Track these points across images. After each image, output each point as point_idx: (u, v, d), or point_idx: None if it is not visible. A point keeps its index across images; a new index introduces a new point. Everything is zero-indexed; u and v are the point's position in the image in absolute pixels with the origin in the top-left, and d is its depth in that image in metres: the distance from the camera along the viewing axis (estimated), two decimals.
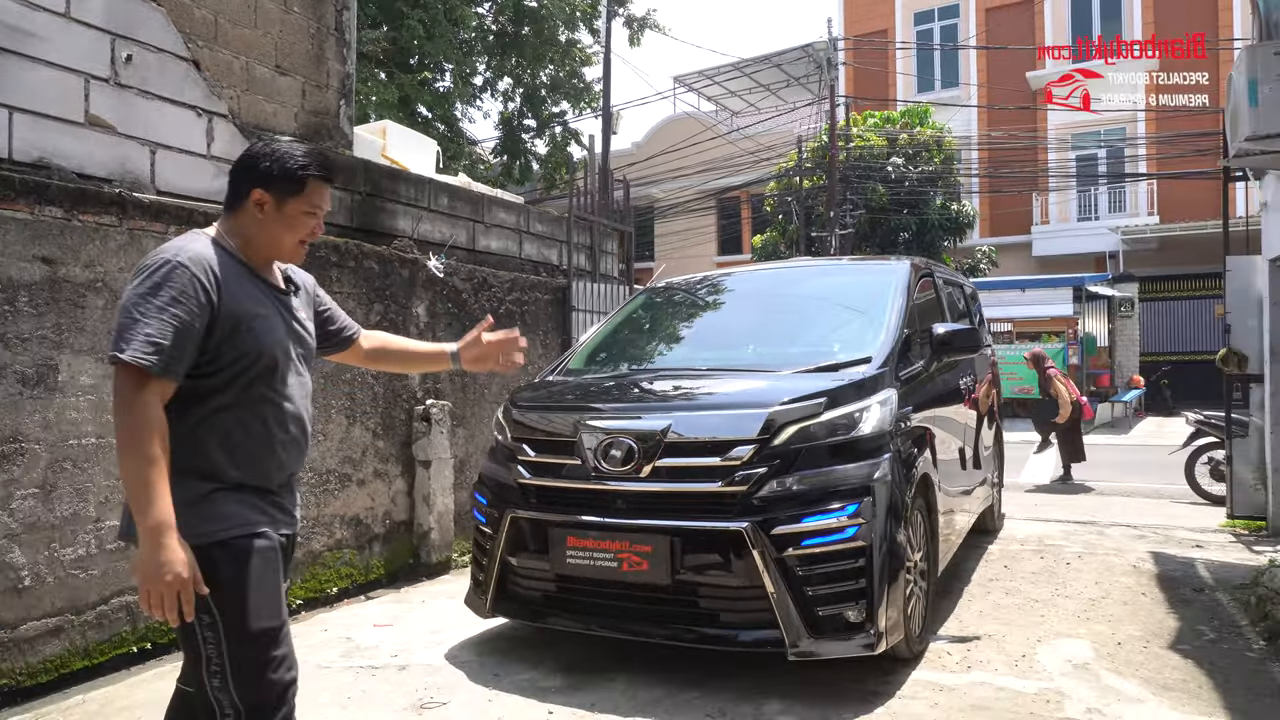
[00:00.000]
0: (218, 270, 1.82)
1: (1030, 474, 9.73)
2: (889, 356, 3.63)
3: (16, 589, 3.47)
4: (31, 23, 3.64)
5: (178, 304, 1.74)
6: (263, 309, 1.90)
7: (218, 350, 1.81)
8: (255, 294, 1.90)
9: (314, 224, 1.97)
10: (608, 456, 3.28)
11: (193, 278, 1.76)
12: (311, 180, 1.92)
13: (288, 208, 1.92)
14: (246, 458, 1.87)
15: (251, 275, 1.92)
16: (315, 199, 1.94)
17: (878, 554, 3.09)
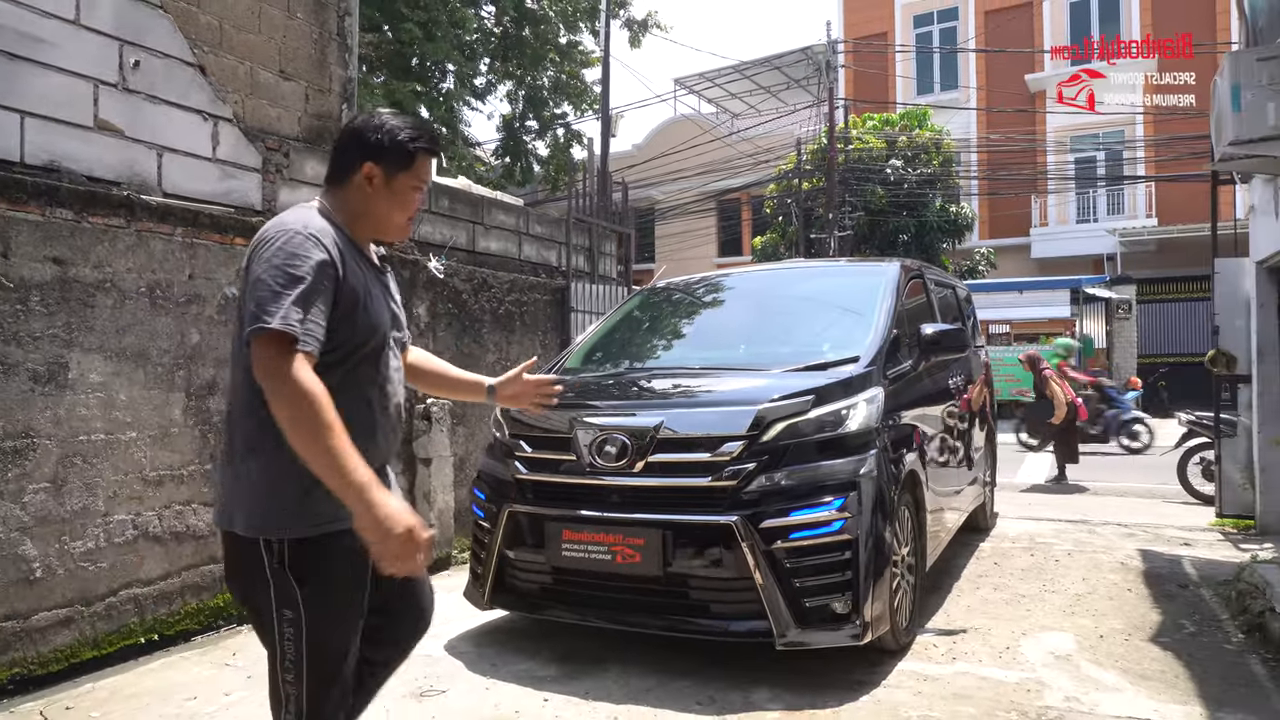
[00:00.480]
0: (339, 244, 1.78)
1: (1026, 474, 9.82)
2: (876, 356, 3.73)
3: (28, 580, 3.57)
4: (42, 29, 3.74)
5: (313, 276, 1.68)
6: (373, 287, 1.86)
7: (335, 328, 1.73)
8: (363, 271, 1.85)
9: (420, 199, 1.93)
10: (602, 452, 3.38)
11: (324, 250, 1.73)
12: (421, 154, 1.88)
13: (397, 182, 1.87)
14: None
15: (358, 252, 1.87)
16: (422, 173, 1.90)
17: (863, 547, 3.18)
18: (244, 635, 4.18)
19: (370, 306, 1.82)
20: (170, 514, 4.14)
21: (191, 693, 3.40)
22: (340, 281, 1.75)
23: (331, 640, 1.79)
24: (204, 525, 4.29)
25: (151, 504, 4.05)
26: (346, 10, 5.37)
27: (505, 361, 6.65)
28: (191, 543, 4.23)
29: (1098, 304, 18.32)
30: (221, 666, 3.73)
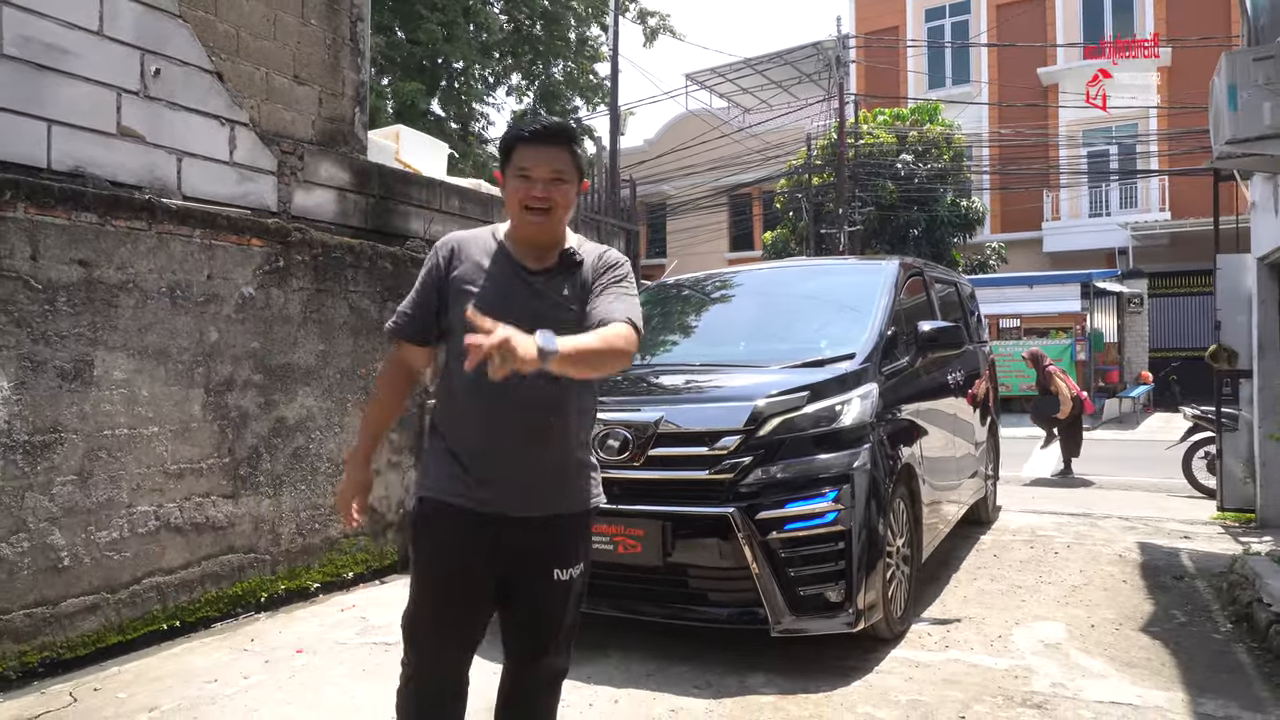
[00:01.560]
0: (465, 247, 2.07)
1: (1032, 468, 9.88)
2: (872, 352, 3.83)
3: (57, 568, 3.74)
4: (67, 40, 3.89)
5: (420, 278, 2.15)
6: (497, 285, 1.98)
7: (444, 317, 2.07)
8: (488, 270, 2.01)
9: (528, 188, 1.94)
10: (604, 446, 3.50)
11: (433, 254, 2.11)
12: (517, 144, 1.96)
13: (508, 177, 2.00)
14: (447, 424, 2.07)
15: (499, 253, 2.03)
16: (522, 161, 1.95)
17: (857, 538, 3.30)
18: (261, 622, 4.35)
19: (473, 301, 1.85)
20: (190, 505, 4.30)
21: (212, 676, 3.56)
22: (444, 278, 2.05)
23: (417, 586, 2.05)
24: (223, 516, 4.45)
25: (173, 496, 4.21)
26: (359, 16, 5.51)
27: None
28: (211, 533, 4.39)
29: (1109, 298, 18.29)
30: (240, 652, 3.89)
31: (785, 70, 26.43)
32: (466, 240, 2.07)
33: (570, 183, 1.99)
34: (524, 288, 1.99)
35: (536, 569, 2.02)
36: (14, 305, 3.60)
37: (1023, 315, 17.15)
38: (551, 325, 1.82)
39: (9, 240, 3.59)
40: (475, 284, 1.98)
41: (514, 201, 1.98)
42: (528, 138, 1.96)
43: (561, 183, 1.97)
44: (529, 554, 2.00)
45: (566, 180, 1.98)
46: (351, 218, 5.40)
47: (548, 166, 1.95)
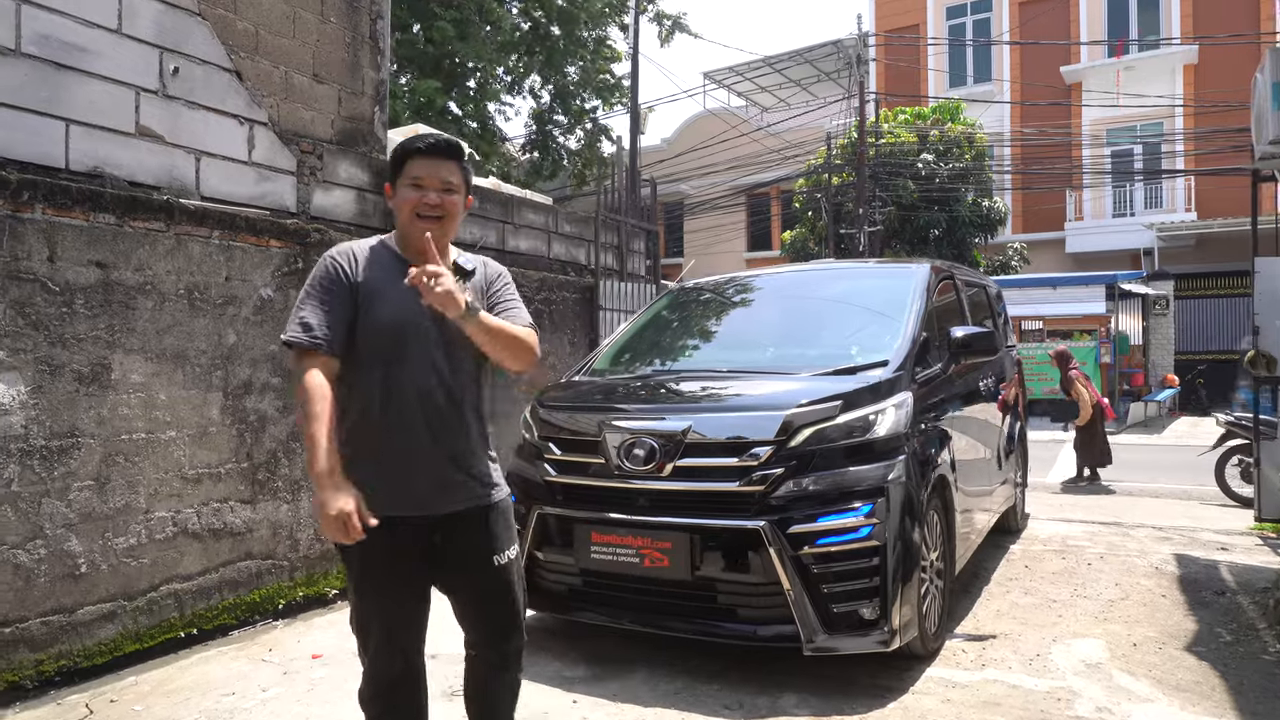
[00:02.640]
0: (364, 255, 2.12)
1: (1058, 473, 9.70)
2: (905, 359, 3.71)
3: (74, 575, 3.68)
4: (86, 39, 3.83)
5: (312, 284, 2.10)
6: (391, 289, 2.04)
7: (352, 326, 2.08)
8: (387, 274, 2.08)
9: (420, 197, 2.06)
10: (631, 456, 3.40)
11: (331, 261, 2.11)
12: (410, 155, 2.08)
13: (397, 187, 2.11)
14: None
15: (392, 260, 2.12)
16: (414, 171, 2.07)
17: (891, 553, 3.18)
18: (279, 631, 4.28)
19: (383, 309, 2.04)
20: (208, 511, 4.23)
21: (230, 688, 3.49)
22: (352, 285, 2.07)
23: (358, 600, 2.15)
24: (241, 522, 4.38)
25: (190, 501, 4.14)
26: (378, 14, 5.44)
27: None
28: (229, 539, 4.32)
29: (1134, 300, 18.01)
30: (258, 662, 3.81)
31: (804, 69, 26.23)
32: (358, 251, 2.13)
33: (458, 193, 2.13)
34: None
35: (476, 561, 2.15)
36: (31, 308, 3.55)
37: (1046, 317, 16.89)
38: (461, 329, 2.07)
39: (26, 242, 3.54)
40: (382, 291, 2.06)
41: (407, 209, 2.08)
42: (422, 150, 2.08)
43: (452, 192, 2.11)
44: (467, 549, 2.13)
45: (456, 191, 2.12)
46: (371, 218, 5.33)
47: (439, 178, 2.08)
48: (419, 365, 2.05)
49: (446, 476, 2.09)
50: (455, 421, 2.10)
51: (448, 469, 2.10)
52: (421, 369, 2.05)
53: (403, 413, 2.04)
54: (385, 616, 2.11)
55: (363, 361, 2.06)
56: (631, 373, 4.27)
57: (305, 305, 2.05)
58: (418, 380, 2.04)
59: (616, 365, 4.49)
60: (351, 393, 2.07)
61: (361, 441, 2.05)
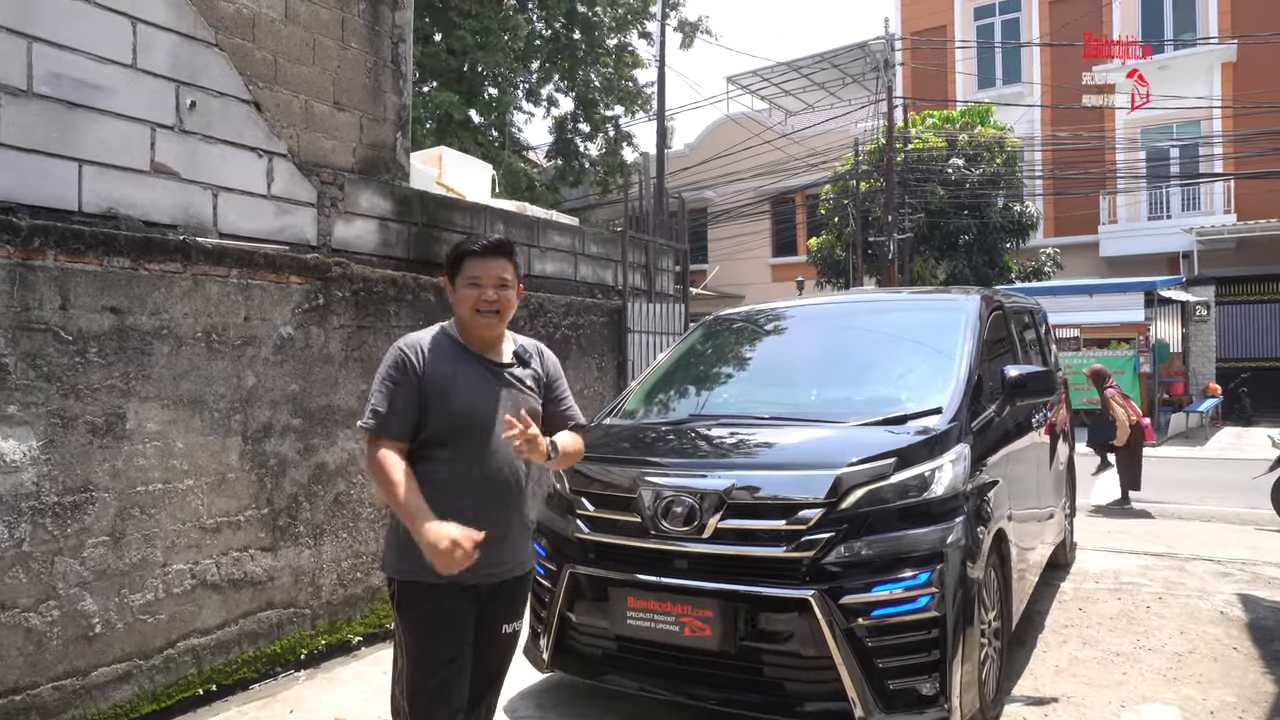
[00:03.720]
0: (432, 348, 2.34)
1: (1100, 493, 9.36)
2: (960, 406, 3.48)
3: (87, 637, 3.53)
4: (100, 76, 3.69)
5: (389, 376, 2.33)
6: (468, 379, 2.31)
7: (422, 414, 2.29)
8: (457, 366, 2.32)
9: (479, 295, 2.29)
10: (669, 515, 3.20)
11: (401, 354, 2.34)
12: (466, 256, 2.33)
13: (457, 285, 2.35)
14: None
15: (461, 351, 2.36)
16: (472, 270, 2.31)
17: (951, 624, 2.95)
18: (300, 685, 4.11)
19: (455, 397, 2.27)
20: (228, 561, 4.08)
21: None
22: (420, 377, 2.28)
23: (418, 665, 2.26)
24: (261, 571, 4.22)
25: (209, 551, 3.99)
26: (400, 37, 5.28)
27: None
28: (249, 589, 4.17)
29: (1173, 306, 17.54)
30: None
31: (830, 72, 25.91)
32: (426, 342, 2.34)
33: (513, 288, 2.37)
34: (495, 379, 2.36)
35: (490, 626, 2.35)
36: (43, 359, 3.40)
37: (1082, 325, 16.46)
38: (531, 411, 2.36)
39: (37, 290, 3.39)
40: (452, 380, 2.27)
41: (467, 305, 2.31)
42: (478, 252, 2.32)
43: (506, 288, 2.34)
44: (495, 614, 2.35)
45: (510, 286, 2.36)
46: (394, 248, 5.17)
47: (495, 275, 2.31)
48: (487, 447, 2.26)
49: (507, 546, 2.33)
50: (516, 496, 2.36)
51: (509, 540, 2.34)
52: (489, 450, 2.26)
53: (473, 487, 2.25)
54: (445, 672, 2.24)
55: (437, 444, 2.26)
56: (666, 417, 4.06)
57: (377, 394, 2.28)
58: (486, 460, 2.26)
59: (650, 405, 4.28)
60: (426, 473, 2.23)
61: (438, 514, 2.17)
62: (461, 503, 2.21)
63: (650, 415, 4.12)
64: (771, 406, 3.85)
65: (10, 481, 3.30)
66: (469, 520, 2.16)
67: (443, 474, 2.24)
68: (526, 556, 2.46)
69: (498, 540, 2.25)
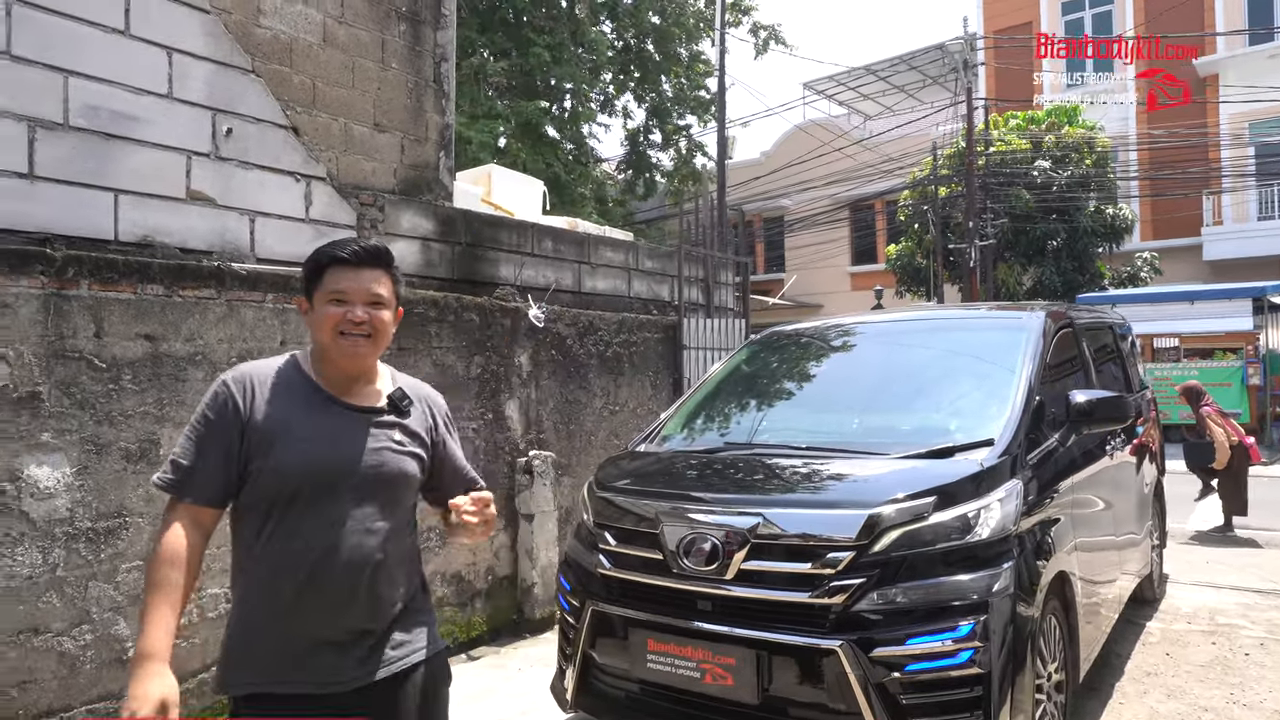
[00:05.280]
0: (264, 383, 1.81)
1: (1198, 520, 8.68)
2: (1014, 438, 3.18)
3: (121, 660, 3.56)
4: (136, 107, 3.75)
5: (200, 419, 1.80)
6: (313, 427, 1.78)
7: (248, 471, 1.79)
8: (298, 409, 1.80)
9: (344, 313, 1.78)
10: (691, 553, 3.01)
11: (224, 389, 1.80)
12: (329, 264, 1.81)
13: (316, 302, 1.83)
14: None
15: (312, 391, 1.83)
16: (334, 283, 1.79)
17: (997, 681, 2.67)
18: None
19: (285, 450, 1.73)
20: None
21: None
22: (243, 424, 1.74)
23: None
24: None
25: None
26: (443, 56, 5.26)
27: (612, 406, 6.38)
28: None
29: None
30: None
31: (909, 75, 25.22)
32: (262, 373, 1.81)
33: (389, 309, 1.85)
34: (352, 428, 1.81)
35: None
36: (76, 387, 3.45)
37: (1183, 334, 15.45)
38: (399, 474, 1.84)
39: (72, 320, 3.45)
40: (284, 426, 1.74)
41: (327, 327, 1.78)
42: (344, 259, 1.80)
43: (381, 307, 1.82)
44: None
45: (386, 305, 1.84)
46: (436, 268, 5.14)
47: (366, 290, 1.80)
48: (332, 520, 1.73)
49: (367, 640, 1.79)
50: (375, 584, 1.78)
51: (366, 632, 1.79)
52: (335, 524, 1.73)
53: (313, 573, 1.71)
54: None
55: (262, 513, 1.73)
56: (700, 444, 3.87)
57: (183, 440, 1.76)
58: (330, 538, 1.72)
59: (687, 430, 4.10)
60: (248, 551, 1.76)
61: (263, 607, 1.73)
62: (290, 593, 1.71)
63: (684, 442, 3.94)
64: (810, 435, 3.62)
65: (44, 507, 3.35)
66: (298, 617, 1.71)
67: (268, 553, 1.73)
68: (422, 640, 1.88)
69: (351, 644, 1.76)
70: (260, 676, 1.72)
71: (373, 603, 1.78)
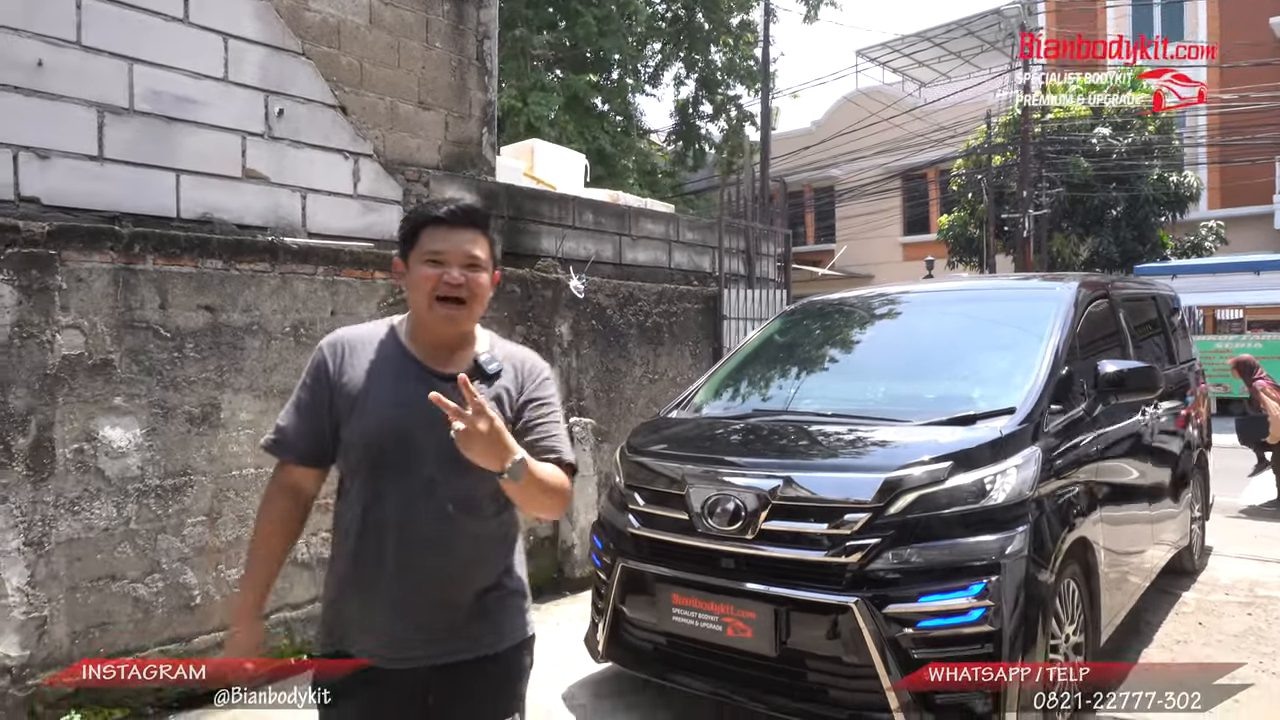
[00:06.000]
0: (354, 346, 1.80)
1: (1251, 495, 8.50)
2: (1036, 406, 3.23)
3: (189, 606, 3.85)
4: (195, 91, 3.96)
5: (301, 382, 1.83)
6: (396, 394, 1.72)
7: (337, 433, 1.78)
8: (385, 374, 1.76)
9: (441, 274, 1.70)
10: (715, 514, 3.15)
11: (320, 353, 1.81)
12: (426, 224, 1.75)
13: (411, 264, 1.76)
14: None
15: (403, 356, 1.77)
16: (430, 244, 1.72)
17: (1008, 639, 2.77)
18: None
19: (364, 415, 1.71)
20: (316, 541, 4.33)
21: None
22: (332, 387, 1.75)
23: None
24: None
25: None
26: (485, 34, 5.39)
27: (652, 375, 6.52)
28: None
29: None
30: None
31: (966, 40, 24.57)
32: (357, 339, 1.80)
33: (486, 271, 1.77)
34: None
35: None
36: (144, 354, 3.72)
37: (1246, 305, 14.97)
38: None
39: (139, 292, 3.70)
40: (365, 392, 1.72)
41: (422, 291, 1.72)
42: (441, 219, 1.73)
43: (478, 270, 1.75)
44: (452, 711, 1.73)
45: (483, 268, 1.76)
46: None
47: (463, 251, 1.73)
48: (410, 488, 1.68)
49: (443, 619, 1.72)
50: (450, 556, 1.71)
51: (444, 614, 1.72)
52: (412, 492, 1.68)
53: (390, 543, 1.68)
54: None
55: (349, 479, 1.76)
56: (729, 411, 4.00)
57: (288, 403, 1.81)
58: (406, 506, 1.68)
59: (718, 398, 4.22)
60: (338, 515, 1.79)
61: (345, 573, 1.75)
62: (368, 562, 1.70)
63: (714, 409, 4.07)
64: (837, 403, 3.71)
65: (118, 466, 3.63)
66: (375, 587, 1.68)
67: (350, 520, 1.73)
68: (505, 627, 1.78)
69: (426, 619, 1.70)
70: (337, 640, 1.74)
71: (450, 579, 1.72)
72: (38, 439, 3.40)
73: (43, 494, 3.41)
